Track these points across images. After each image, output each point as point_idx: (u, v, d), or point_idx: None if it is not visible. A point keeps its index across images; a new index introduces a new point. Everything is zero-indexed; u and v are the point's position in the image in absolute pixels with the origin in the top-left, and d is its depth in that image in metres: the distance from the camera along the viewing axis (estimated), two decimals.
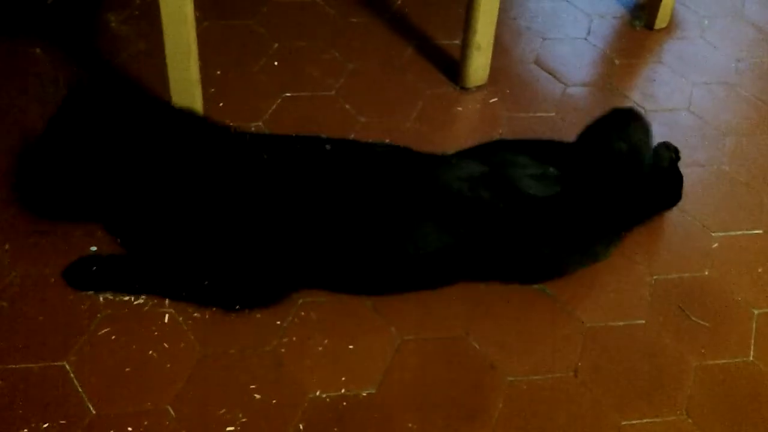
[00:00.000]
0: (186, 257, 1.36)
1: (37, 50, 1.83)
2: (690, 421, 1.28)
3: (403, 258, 1.37)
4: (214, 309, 1.36)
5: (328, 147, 1.42)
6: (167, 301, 1.37)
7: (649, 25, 2.08)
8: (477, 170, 1.43)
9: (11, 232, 1.45)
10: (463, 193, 1.38)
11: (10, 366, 1.26)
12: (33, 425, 1.19)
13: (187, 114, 1.57)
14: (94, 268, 1.38)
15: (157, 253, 1.38)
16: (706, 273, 1.51)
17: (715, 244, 1.56)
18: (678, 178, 1.62)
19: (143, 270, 1.37)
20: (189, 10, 1.50)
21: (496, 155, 1.49)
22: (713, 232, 1.58)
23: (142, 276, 1.37)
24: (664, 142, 1.72)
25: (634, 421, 1.27)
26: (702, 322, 1.43)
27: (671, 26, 2.10)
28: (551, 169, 1.45)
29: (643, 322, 1.42)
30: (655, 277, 1.48)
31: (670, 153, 1.69)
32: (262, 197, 1.37)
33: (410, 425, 1.24)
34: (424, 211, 1.37)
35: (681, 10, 2.16)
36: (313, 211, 1.35)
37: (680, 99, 1.89)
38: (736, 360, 1.38)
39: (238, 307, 1.36)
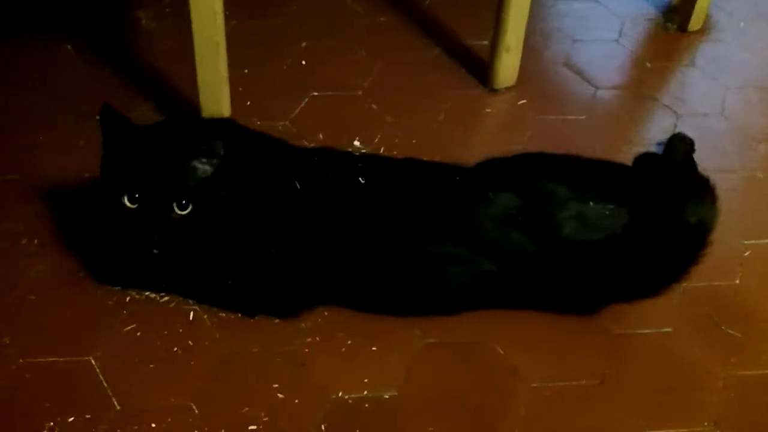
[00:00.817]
0: (213, 263, 1.36)
1: (68, 47, 1.84)
2: (717, 430, 1.26)
3: (432, 289, 1.35)
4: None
5: (362, 180, 1.39)
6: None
7: (682, 28, 2.06)
8: (513, 207, 1.35)
9: (38, 226, 1.46)
10: (496, 237, 1.33)
11: (36, 359, 1.27)
12: (58, 419, 1.20)
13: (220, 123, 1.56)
14: (121, 264, 1.38)
15: (186, 256, 1.38)
16: (737, 281, 1.48)
17: (747, 252, 1.54)
18: (694, 172, 1.61)
19: (169, 270, 1.37)
20: (218, 8, 1.51)
21: (535, 184, 1.38)
22: (745, 239, 1.56)
23: (168, 276, 1.37)
24: (679, 134, 1.70)
25: (660, 431, 1.26)
26: (732, 332, 1.40)
27: (705, 29, 2.07)
28: (594, 206, 1.37)
29: (671, 330, 1.40)
30: (684, 284, 1.45)
31: (685, 146, 1.67)
32: (293, 210, 1.35)
33: (431, 429, 1.23)
34: (455, 248, 1.33)
35: (715, 12, 2.13)
36: (343, 232, 1.33)
37: (713, 103, 1.87)
38: (767, 371, 1.35)
39: (259, 314, 1.36)
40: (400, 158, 1.52)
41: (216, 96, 1.62)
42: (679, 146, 1.68)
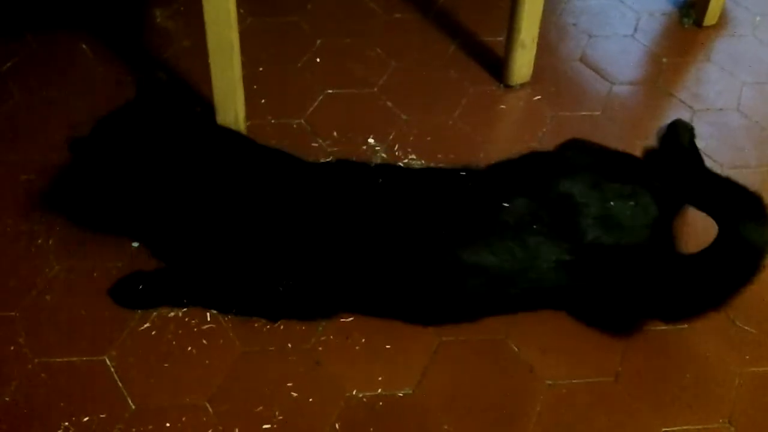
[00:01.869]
0: (232, 273, 1.36)
1: (83, 45, 1.85)
2: (733, 429, 1.26)
3: (451, 301, 1.34)
4: None
5: (380, 180, 1.39)
6: None
7: (699, 23, 2.04)
8: (531, 215, 1.32)
9: (55, 226, 1.47)
10: (517, 249, 1.31)
11: (52, 359, 1.28)
12: (74, 418, 1.21)
13: (232, 134, 1.57)
14: (141, 286, 1.38)
15: (202, 268, 1.38)
16: None
17: None
18: (699, 160, 1.60)
19: (189, 285, 1.37)
20: (232, 6, 1.51)
21: (552, 185, 1.36)
22: None
23: (189, 291, 1.37)
24: (680, 120, 1.69)
25: (675, 428, 1.25)
26: (747, 328, 1.39)
27: (721, 24, 2.06)
28: (615, 204, 1.35)
29: (686, 326, 1.39)
30: None
31: (689, 132, 1.67)
32: (312, 219, 1.35)
33: (446, 427, 1.23)
34: (474, 260, 1.31)
35: (731, 7, 2.11)
36: (363, 242, 1.32)
37: (730, 99, 1.85)
38: None
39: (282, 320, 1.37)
40: (415, 168, 1.53)
41: (230, 94, 1.62)
42: (684, 133, 1.67)
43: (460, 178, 1.42)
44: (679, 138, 1.63)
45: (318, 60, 1.87)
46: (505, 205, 1.33)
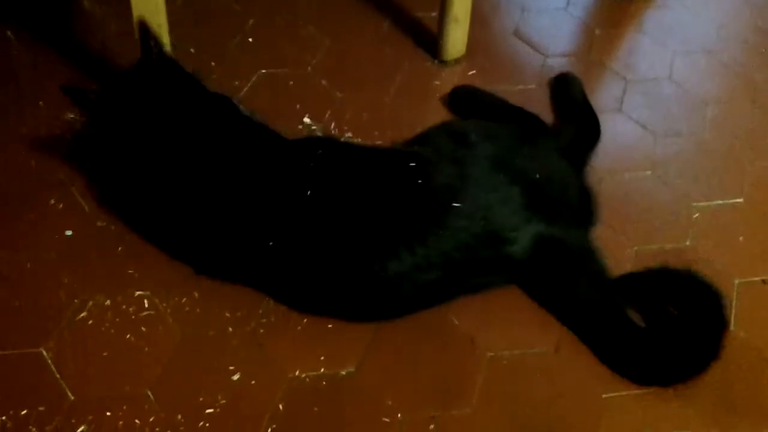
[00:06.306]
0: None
1: (8, 33, 1.80)
2: (672, 392, 1.28)
3: (379, 301, 1.33)
4: (196, 293, 1.35)
5: (319, 152, 1.38)
6: (145, 286, 1.36)
7: None
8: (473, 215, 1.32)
9: None
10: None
11: None
12: (11, 413, 1.19)
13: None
14: None
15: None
16: (687, 243, 1.50)
17: (696, 214, 1.55)
18: (592, 110, 1.67)
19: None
20: None
21: (467, 164, 1.37)
22: (694, 202, 1.57)
23: None
24: (568, 74, 1.75)
25: (616, 394, 1.27)
26: None
27: None
28: (541, 178, 1.39)
29: None
30: (636, 248, 1.47)
31: (578, 84, 1.73)
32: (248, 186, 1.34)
33: (390, 403, 1.24)
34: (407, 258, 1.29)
35: None
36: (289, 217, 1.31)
37: (661, 68, 1.88)
38: None
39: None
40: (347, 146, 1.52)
41: None
42: (574, 85, 1.72)
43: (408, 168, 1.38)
44: (570, 90, 1.67)
45: (250, 40, 1.85)
46: (456, 205, 1.32)
